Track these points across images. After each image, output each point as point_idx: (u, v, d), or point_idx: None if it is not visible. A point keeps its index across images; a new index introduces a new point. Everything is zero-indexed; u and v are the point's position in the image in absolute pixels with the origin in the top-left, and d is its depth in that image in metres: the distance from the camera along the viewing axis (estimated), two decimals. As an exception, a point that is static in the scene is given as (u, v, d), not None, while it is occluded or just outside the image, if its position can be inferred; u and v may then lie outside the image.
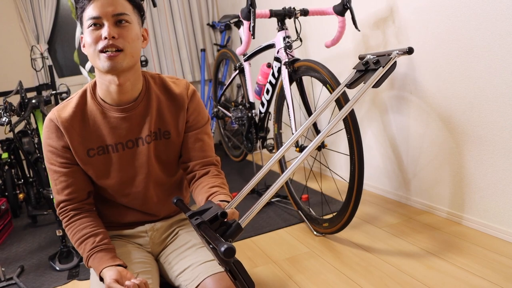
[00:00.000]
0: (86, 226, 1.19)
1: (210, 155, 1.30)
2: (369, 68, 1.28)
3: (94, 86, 1.22)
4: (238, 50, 2.18)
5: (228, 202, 1.05)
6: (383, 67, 1.22)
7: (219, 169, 1.30)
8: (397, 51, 1.28)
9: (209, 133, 1.32)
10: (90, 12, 1.10)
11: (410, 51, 1.27)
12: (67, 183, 1.20)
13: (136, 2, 1.17)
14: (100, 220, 1.25)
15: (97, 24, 1.10)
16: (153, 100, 1.23)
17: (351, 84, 1.31)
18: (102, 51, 1.09)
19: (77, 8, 1.15)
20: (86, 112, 1.20)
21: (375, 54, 1.33)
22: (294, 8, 2.04)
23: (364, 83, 1.26)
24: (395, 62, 1.27)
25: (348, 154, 1.80)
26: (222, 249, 0.75)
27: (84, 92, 1.22)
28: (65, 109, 1.20)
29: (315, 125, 2.03)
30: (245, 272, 0.85)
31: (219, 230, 0.86)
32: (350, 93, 2.48)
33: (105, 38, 1.08)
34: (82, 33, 1.17)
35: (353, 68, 1.39)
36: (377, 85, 1.22)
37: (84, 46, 1.17)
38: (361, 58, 1.37)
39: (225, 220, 0.88)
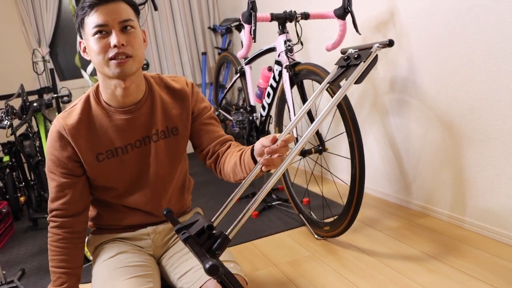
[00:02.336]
0: (66, 260, 1.22)
1: (224, 134, 1.32)
2: (351, 63, 1.20)
3: (97, 91, 1.23)
4: (239, 54, 2.19)
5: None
6: (364, 61, 1.14)
7: (237, 142, 1.32)
8: (378, 44, 1.20)
9: (215, 117, 1.35)
10: (95, 19, 1.09)
11: (390, 43, 1.20)
12: (63, 193, 1.20)
13: (135, 6, 1.18)
14: (80, 253, 1.26)
15: (103, 31, 1.10)
16: (157, 100, 1.25)
17: (333, 81, 1.23)
18: (111, 58, 1.10)
19: (77, 14, 1.14)
20: (91, 117, 1.21)
21: (357, 48, 1.26)
22: (295, 11, 2.04)
23: (346, 79, 1.18)
24: (377, 55, 1.18)
25: (349, 157, 1.80)
26: (207, 266, 0.76)
27: (88, 98, 1.23)
28: (70, 116, 1.20)
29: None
30: (236, 283, 0.85)
31: (206, 243, 0.85)
32: (352, 92, 2.48)
33: (115, 46, 1.09)
34: (81, 37, 1.17)
35: (335, 64, 1.32)
36: (359, 81, 1.14)
37: (84, 51, 1.17)
38: (343, 52, 1.29)
39: (213, 232, 0.87)
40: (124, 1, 1.13)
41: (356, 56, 1.19)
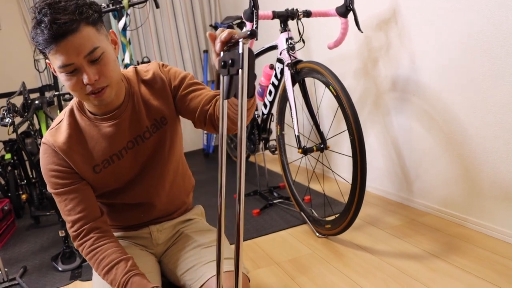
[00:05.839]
0: (114, 251, 1.14)
1: (209, 93, 1.23)
2: (231, 72, 0.91)
3: (79, 102, 1.20)
4: (241, 52, 2.18)
5: None
6: (241, 69, 0.85)
7: None
8: (242, 40, 0.86)
9: (197, 81, 1.27)
10: (58, 59, 1.00)
11: (252, 34, 0.85)
12: (78, 199, 1.17)
13: (94, 18, 1.03)
14: (121, 245, 1.20)
15: (72, 70, 1.02)
16: (138, 97, 1.22)
17: (228, 96, 0.92)
18: (88, 94, 1.06)
19: (32, 38, 1.02)
20: (80, 131, 1.18)
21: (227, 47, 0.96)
22: (297, 9, 2.04)
23: (235, 96, 0.90)
24: (251, 52, 0.87)
25: (351, 155, 1.80)
26: None
27: (71, 111, 1.20)
28: (58, 133, 1.17)
29: (317, 126, 2.03)
30: None
31: None
32: (354, 90, 2.48)
33: (87, 84, 1.03)
34: (46, 58, 1.07)
35: (217, 72, 1.02)
36: (249, 93, 0.86)
37: (55, 72, 1.07)
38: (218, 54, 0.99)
39: None
40: (81, 22, 1.00)
41: (230, 62, 0.91)
